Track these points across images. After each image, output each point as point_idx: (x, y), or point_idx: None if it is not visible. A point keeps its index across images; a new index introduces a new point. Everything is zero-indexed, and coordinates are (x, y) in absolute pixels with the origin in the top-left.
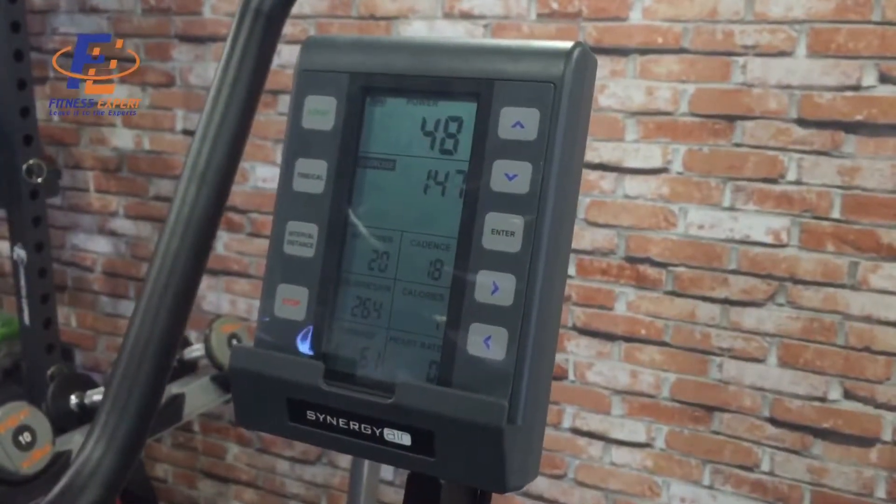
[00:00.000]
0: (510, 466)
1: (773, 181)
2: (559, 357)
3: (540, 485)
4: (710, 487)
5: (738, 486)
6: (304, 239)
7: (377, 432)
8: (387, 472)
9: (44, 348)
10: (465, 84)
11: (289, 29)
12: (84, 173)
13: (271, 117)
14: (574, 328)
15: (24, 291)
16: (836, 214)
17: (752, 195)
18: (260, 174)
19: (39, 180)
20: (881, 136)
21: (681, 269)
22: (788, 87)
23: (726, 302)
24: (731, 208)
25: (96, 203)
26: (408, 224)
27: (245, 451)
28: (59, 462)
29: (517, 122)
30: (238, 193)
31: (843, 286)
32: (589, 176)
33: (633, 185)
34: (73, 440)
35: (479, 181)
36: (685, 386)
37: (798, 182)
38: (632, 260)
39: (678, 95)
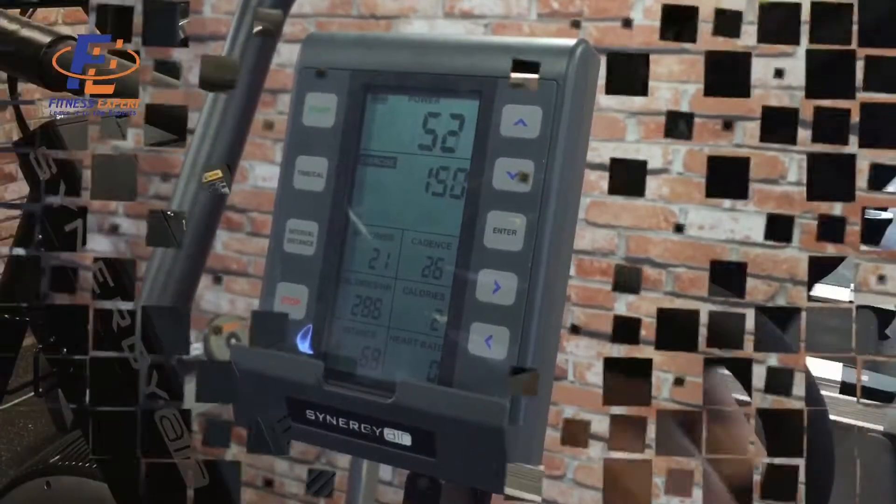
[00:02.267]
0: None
1: (774, 182)
2: (558, 357)
3: None
4: None
5: None
6: (304, 237)
7: (377, 432)
8: (386, 472)
9: None
10: (467, 81)
11: (288, 28)
12: (84, 172)
13: (270, 116)
14: (573, 328)
15: None
16: (837, 215)
17: (752, 196)
18: (259, 173)
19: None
20: None
21: (681, 270)
22: (789, 87)
23: (727, 303)
24: (732, 209)
25: (96, 202)
26: (409, 222)
27: (244, 450)
28: None
29: (519, 119)
30: (237, 192)
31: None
32: (589, 176)
33: None
34: None
35: (480, 179)
36: (685, 387)
37: (799, 183)
38: (632, 260)
39: (679, 96)
